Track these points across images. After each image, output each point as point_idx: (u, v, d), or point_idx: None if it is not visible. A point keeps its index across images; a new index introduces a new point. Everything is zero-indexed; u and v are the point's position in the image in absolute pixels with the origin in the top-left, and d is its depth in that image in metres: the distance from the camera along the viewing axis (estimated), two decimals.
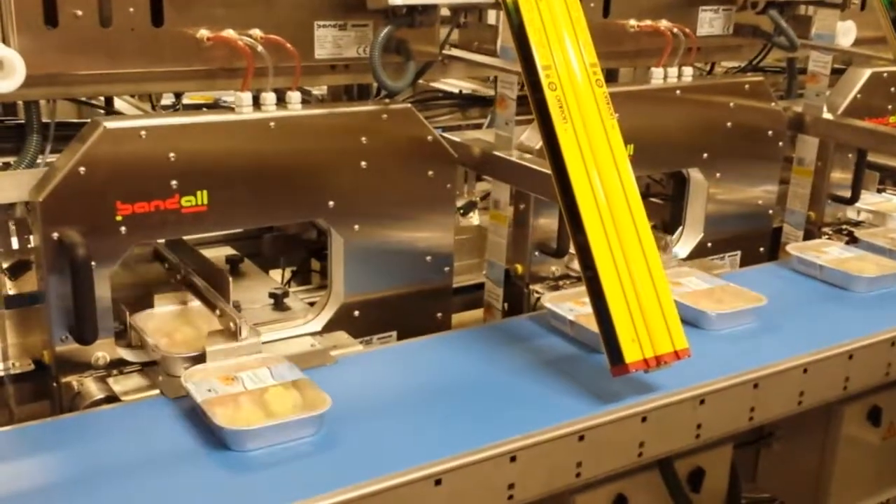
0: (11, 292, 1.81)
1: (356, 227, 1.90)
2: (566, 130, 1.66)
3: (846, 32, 2.51)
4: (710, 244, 2.46)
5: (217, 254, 2.30)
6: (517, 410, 1.63)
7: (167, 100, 2.69)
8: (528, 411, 1.63)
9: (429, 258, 2.01)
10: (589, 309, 1.67)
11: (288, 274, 2.61)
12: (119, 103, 2.25)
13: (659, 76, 2.26)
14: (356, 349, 1.86)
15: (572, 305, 1.94)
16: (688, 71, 2.31)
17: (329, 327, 1.94)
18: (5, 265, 1.82)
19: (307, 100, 2.31)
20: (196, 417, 1.54)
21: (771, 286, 2.14)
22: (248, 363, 1.64)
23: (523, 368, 1.79)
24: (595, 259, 1.63)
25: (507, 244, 2.19)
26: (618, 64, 2.41)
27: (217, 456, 1.46)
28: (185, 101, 2.73)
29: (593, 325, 1.68)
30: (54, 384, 1.69)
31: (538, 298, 2.17)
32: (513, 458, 1.51)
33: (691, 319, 1.94)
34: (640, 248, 1.68)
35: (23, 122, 1.76)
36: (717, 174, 2.41)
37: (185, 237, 2.02)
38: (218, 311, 1.75)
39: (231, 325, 1.69)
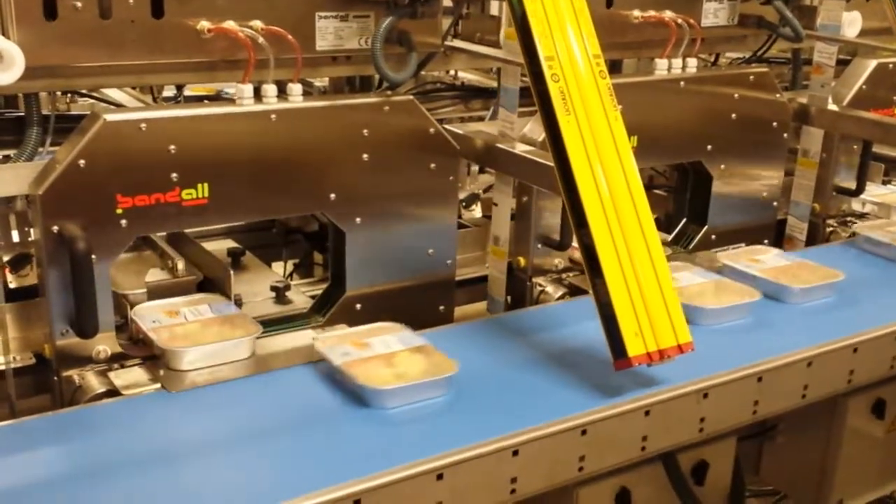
0: (13, 285, 1.80)
1: (358, 219, 1.89)
2: (569, 122, 1.64)
3: (852, 23, 2.50)
4: (714, 236, 2.44)
5: (217, 247, 2.29)
6: (519, 404, 1.62)
7: (169, 91, 2.69)
8: (531, 405, 1.62)
9: (431, 251, 2.00)
10: None
11: (290, 267, 2.61)
12: (120, 95, 2.23)
13: (663, 67, 2.25)
14: None
15: None
16: (692, 62, 2.29)
17: (332, 320, 1.93)
18: (6, 258, 1.81)
19: (309, 92, 2.31)
20: (197, 410, 1.54)
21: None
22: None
23: (526, 362, 1.78)
24: (598, 253, 1.62)
25: (509, 236, 2.17)
26: (621, 55, 2.39)
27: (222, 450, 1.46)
28: (188, 93, 2.73)
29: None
30: (55, 378, 1.68)
31: (541, 291, 2.16)
32: (515, 453, 1.50)
33: (689, 315, 1.92)
34: (643, 241, 1.67)
35: (23, 114, 1.75)
36: (722, 166, 2.39)
37: (186, 230, 2.02)
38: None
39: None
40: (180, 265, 1.90)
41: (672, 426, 1.69)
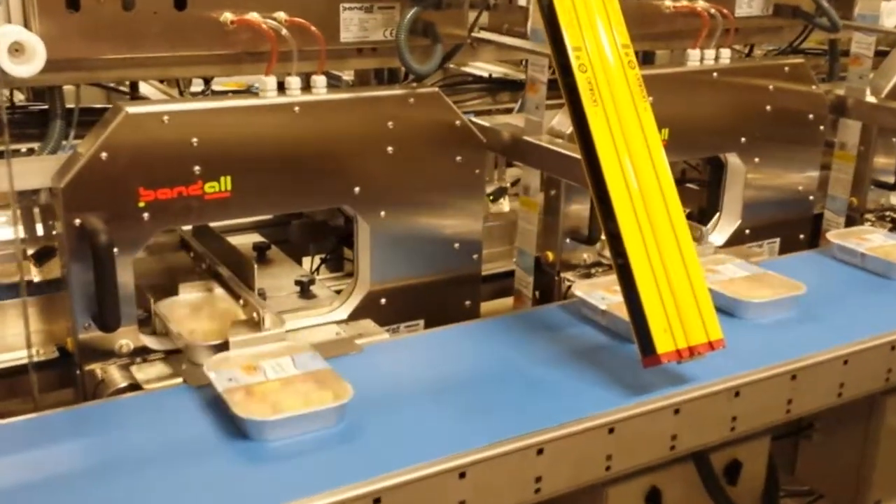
0: (37, 279, 1.80)
1: (383, 213, 1.86)
2: (597, 113, 1.61)
3: (890, 13, 2.43)
4: (748, 231, 2.39)
5: (245, 241, 2.28)
6: (545, 401, 1.59)
7: (197, 87, 2.68)
8: (557, 402, 1.59)
9: (457, 245, 1.97)
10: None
11: (318, 261, 2.59)
12: (146, 89, 2.23)
13: (695, 58, 2.20)
14: (382, 338, 1.83)
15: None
16: (725, 53, 2.24)
17: (355, 315, 1.91)
18: (30, 252, 1.81)
19: (336, 84, 2.28)
20: (218, 407, 1.52)
21: (810, 274, 2.08)
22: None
23: (553, 358, 1.74)
24: (626, 246, 1.58)
25: (537, 231, 2.14)
26: (653, 46, 2.34)
27: (239, 446, 1.44)
28: (217, 87, 2.72)
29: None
30: (78, 372, 1.68)
31: (569, 286, 2.12)
32: (540, 451, 1.47)
33: (727, 308, 1.89)
34: (673, 236, 1.63)
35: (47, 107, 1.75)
36: (756, 159, 2.34)
37: (211, 224, 2.01)
38: (242, 301, 1.73)
39: (255, 315, 1.67)
40: (268, 321, 1.67)
41: (702, 425, 1.65)
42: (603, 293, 1.90)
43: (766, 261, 2.22)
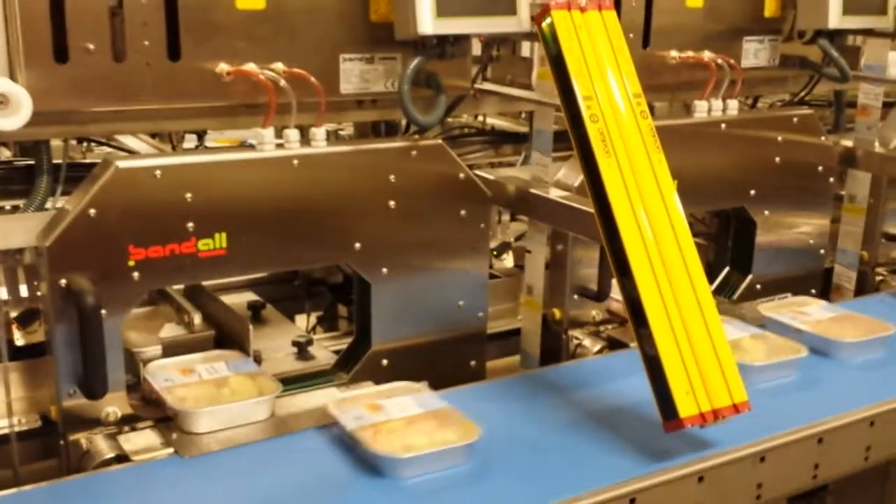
0: (21, 342, 1.70)
1: (384, 270, 1.78)
2: (610, 165, 1.54)
3: None
4: (759, 286, 2.32)
5: (238, 300, 2.20)
6: (560, 470, 1.50)
7: (190, 143, 2.61)
8: (571, 471, 1.50)
9: (462, 303, 1.89)
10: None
11: (314, 320, 2.50)
12: (136, 144, 2.16)
13: (703, 109, 2.15)
14: None
15: None
16: (733, 104, 2.19)
17: (357, 377, 1.81)
18: (14, 314, 1.72)
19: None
20: (213, 478, 1.42)
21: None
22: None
23: (565, 422, 1.65)
24: (644, 305, 1.50)
25: (543, 287, 2.06)
26: (658, 97, 2.30)
27: None
28: (210, 143, 2.65)
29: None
30: (62, 442, 1.57)
31: (578, 345, 2.04)
32: None
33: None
34: (692, 291, 1.55)
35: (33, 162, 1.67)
36: (766, 212, 2.28)
37: (203, 282, 1.93)
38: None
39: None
40: (196, 319, 1.80)
41: (727, 493, 1.56)
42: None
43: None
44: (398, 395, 1.63)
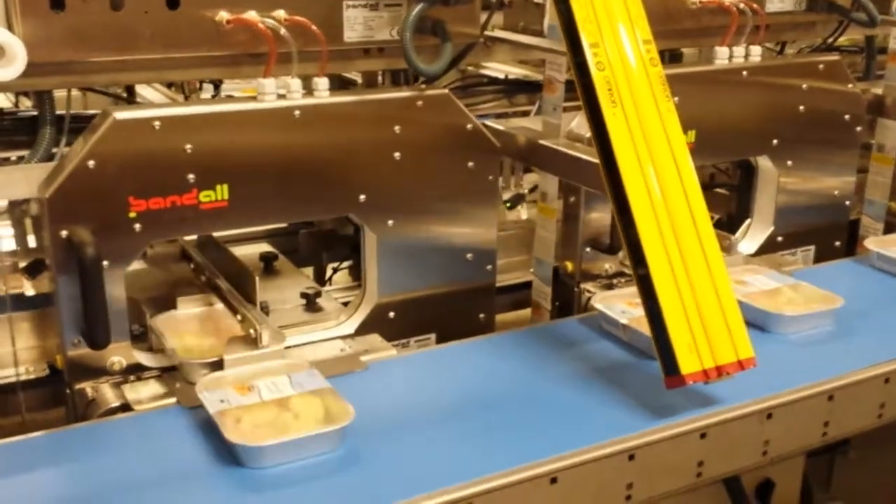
0: (30, 293, 1.72)
1: (390, 222, 1.76)
2: (615, 115, 1.50)
3: None
4: (780, 238, 2.27)
5: (254, 251, 2.20)
6: (561, 425, 1.49)
7: (207, 93, 2.59)
8: (573, 426, 1.48)
9: (470, 255, 1.86)
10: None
11: (331, 272, 2.49)
12: (152, 94, 2.15)
13: (724, 56, 2.08)
14: (389, 354, 1.72)
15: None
16: (755, 50, 2.11)
17: (363, 329, 1.81)
18: (22, 264, 1.73)
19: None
20: (212, 430, 1.43)
21: (847, 285, 1.97)
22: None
23: (570, 377, 1.64)
24: (647, 257, 1.47)
25: (555, 240, 2.03)
26: (678, 44, 2.23)
27: (231, 473, 1.35)
28: (237, 95, 2.63)
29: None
30: (67, 391, 1.59)
31: (589, 298, 2.01)
32: (553, 480, 1.36)
33: (757, 322, 1.77)
34: (699, 246, 1.51)
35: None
36: (789, 162, 2.22)
37: (215, 234, 1.93)
38: (239, 317, 1.63)
39: (252, 331, 1.57)
40: (266, 337, 1.58)
41: (732, 450, 1.54)
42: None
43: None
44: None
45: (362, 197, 1.73)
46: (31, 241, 1.72)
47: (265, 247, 2.26)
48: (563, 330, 1.85)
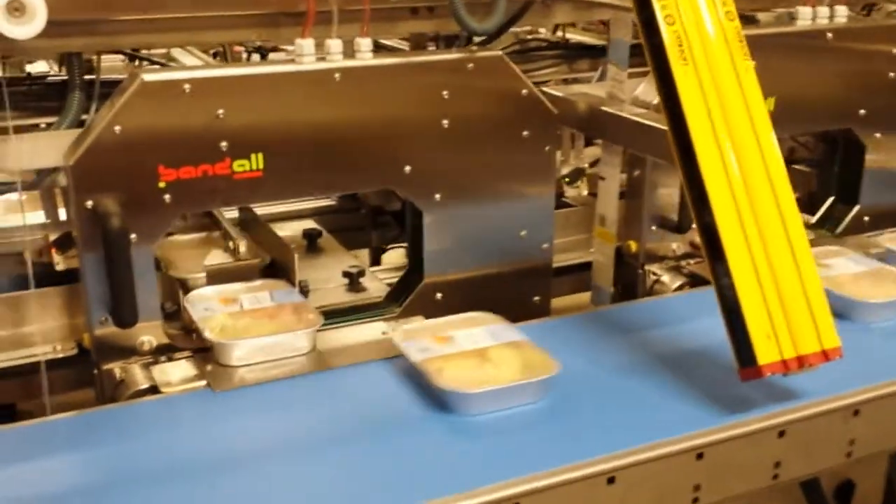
0: (60, 267, 1.64)
1: (437, 196, 1.64)
2: (687, 74, 1.34)
3: None
4: (867, 218, 2.09)
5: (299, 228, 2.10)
6: (620, 419, 1.36)
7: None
8: (635, 421, 1.35)
9: (524, 233, 1.73)
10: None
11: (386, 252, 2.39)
12: (191, 61, 2.05)
13: (806, 17, 1.90)
14: None
15: None
16: (841, 11, 1.94)
17: (409, 310, 1.69)
18: (53, 238, 1.65)
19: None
20: (245, 412, 1.33)
21: None
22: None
23: (633, 366, 1.50)
24: (721, 235, 1.32)
25: (618, 217, 1.89)
26: (753, 5, 2.05)
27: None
28: None
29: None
30: (95, 371, 1.51)
31: (655, 281, 1.86)
32: (611, 480, 1.24)
33: (840, 310, 1.60)
34: (781, 226, 1.36)
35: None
36: (877, 134, 2.04)
37: (258, 209, 1.83)
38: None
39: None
40: (242, 247, 1.70)
41: (813, 450, 1.40)
42: None
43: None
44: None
45: (407, 168, 1.60)
46: (62, 214, 1.64)
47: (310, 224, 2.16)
48: (625, 314, 1.71)
